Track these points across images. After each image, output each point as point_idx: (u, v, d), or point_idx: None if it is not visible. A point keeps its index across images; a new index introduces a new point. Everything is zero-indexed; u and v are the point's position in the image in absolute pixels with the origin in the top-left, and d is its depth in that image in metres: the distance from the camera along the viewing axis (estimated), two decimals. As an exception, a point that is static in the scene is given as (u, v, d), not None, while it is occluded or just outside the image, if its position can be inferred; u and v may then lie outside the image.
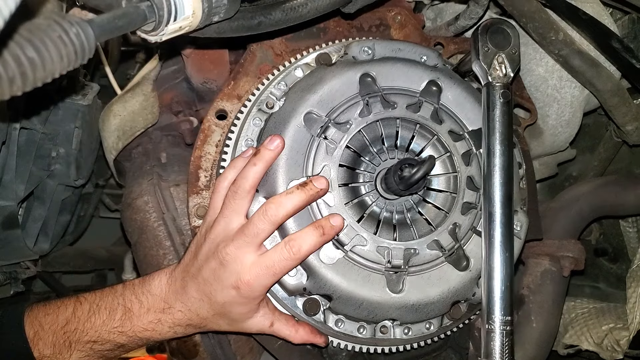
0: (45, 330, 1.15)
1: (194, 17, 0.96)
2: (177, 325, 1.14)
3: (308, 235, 1.10)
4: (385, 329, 1.21)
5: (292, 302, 1.21)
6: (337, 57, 1.34)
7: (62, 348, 1.14)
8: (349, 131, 1.22)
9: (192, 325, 1.16)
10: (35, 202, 1.91)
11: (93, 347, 1.14)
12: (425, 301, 1.20)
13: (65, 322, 1.15)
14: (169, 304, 1.13)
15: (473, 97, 1.33)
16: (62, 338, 1.14)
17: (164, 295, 1.14)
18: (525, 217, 1.33)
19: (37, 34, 0.71)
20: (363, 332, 1.21)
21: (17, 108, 1.53)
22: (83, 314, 1.15)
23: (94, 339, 1.14)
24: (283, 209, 1.09)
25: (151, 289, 1.15)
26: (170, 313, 1.13)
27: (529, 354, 1.50)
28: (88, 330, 1.13)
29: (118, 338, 1.14)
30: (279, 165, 1.18)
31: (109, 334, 1.13)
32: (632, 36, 1.69)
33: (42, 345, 1.14)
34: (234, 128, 1.30)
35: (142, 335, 1.14)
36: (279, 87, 1.30)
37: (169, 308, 1.13)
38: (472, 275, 1.23)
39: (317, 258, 1.15)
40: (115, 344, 1.15)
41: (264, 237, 1.10)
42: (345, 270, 1.16)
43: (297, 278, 1.17)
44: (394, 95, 1.28)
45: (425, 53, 1.36)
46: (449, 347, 1.45)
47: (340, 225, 1.13)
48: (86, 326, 1.14)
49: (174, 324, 1.14)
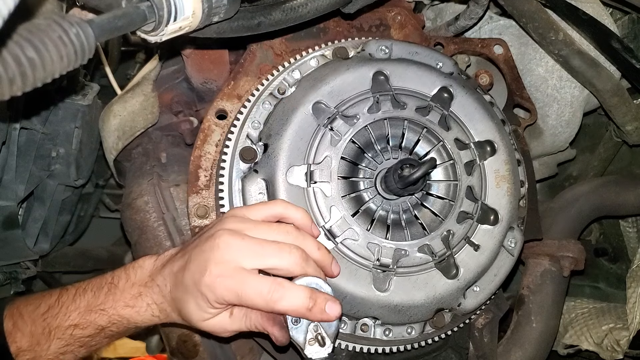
0: (24, 320, 1.07)
1: (194, 17, 0.96)
2: (154, 303, 1.06)
3: (296, 297, 0.98)
4: (365, 327, 1.21)
5: None
6: (354, 52, 1.35)
7: (40, 338, 1.07)
8: (355, 125, 1.23)
9: (164, 309, 1.07)
10: (35, 202, 1.91)
11: (73, 333, 1.07)
12: (409, 303, 1.19)
13: (47, 308, 1.08)
14: (152, 277, 1.07)
15: (483, 109, 1.34)
16: (41, 326, 1.07)
17: (151, 269, 1.08)
18: (521, 235, 1.33)
19: (37, 34, 0.71)
20: (343, 327, 1.21)
21: (17, 108, 1.53)
22: (68, 298, 1.09)
23: (75, 322, 1.06)
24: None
25: (144, 264, 1.10)
26: (151, 287, 1.06)
27: (529, 354, 1.50)
28: (71, 313, 1.06)
29: (99, 319, 1.06)
30: (282, 149, 1.19)
31: (91, 314, 1.06)
32: (632, 36, 1.69)
33: (20, 337, 1.07)
34: (244, 109, 1.30)
35: (123, 312, 1.06)
36: (292, 74, 1.31)
37: (151, 281, 1.06)
38: (459, 284, 1.23)
39: None
40: (96, 327, 1.07)
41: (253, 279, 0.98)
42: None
43: None
44: (405, 96, 1.29)
45: (441, 60, 1.37)
46: (449, 347, 1.45)
47: (333, 316, 0.99)
48: (69, 309, 1.07)
49: (152, 301, 1.06)
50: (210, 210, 1.28)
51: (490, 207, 1.29)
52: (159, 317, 1.09)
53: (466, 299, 1.25)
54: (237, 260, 0.99)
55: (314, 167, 1.20)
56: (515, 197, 1.32)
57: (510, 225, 1.31)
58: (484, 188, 1.30)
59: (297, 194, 1.18)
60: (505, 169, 1.32)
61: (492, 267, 1.29)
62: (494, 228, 1.28)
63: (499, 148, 1.32)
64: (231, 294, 0.97)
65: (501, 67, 1.57)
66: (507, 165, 1.32)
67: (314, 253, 1.05)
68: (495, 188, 1.30)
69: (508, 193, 1.31)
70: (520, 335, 1.51)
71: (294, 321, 1.01)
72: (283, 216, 1.09)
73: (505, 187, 1.31)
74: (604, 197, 1.65)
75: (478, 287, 1.27)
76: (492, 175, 1.31)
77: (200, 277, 0.98)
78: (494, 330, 1.45)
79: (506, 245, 1.30)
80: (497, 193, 1.30)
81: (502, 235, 1.29)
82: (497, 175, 1.31)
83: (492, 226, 1.28)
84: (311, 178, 1.19)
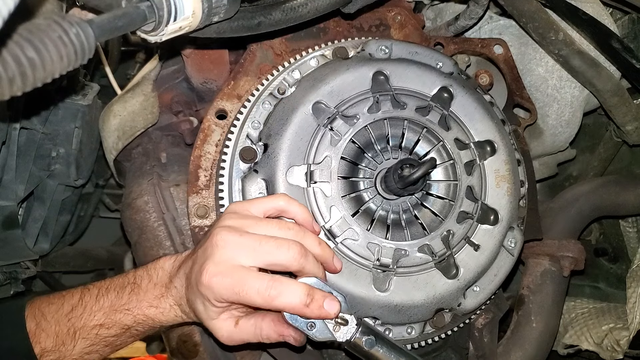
0: (48, 320, 1.09)
1: (194, 17, 0.96)
2: (175, 304, 1.08)
3: (294, 293, 0.97)
4: None
5: None
6: (354, 52, 1.36)
7: (65, 338, 1.08)
8: (355, 125, 1.23)
9: (184, 310, 1.08)
10: (35, 202, 1.91)
11: (99, 333, 1.08)
12: (409, 304, 1.20)
13: (70, 308, 1.09)
14: (171, 279, 1.08)
15: (483, 109, 1.34)
16: (66, 326, 1.08)
17: (170, 270, 1.10)
18: (521, 235, 1.33)
19: (37, 34, 0.71)
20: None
21: (17, 108, 1.53)
22: (91, 298, 1.09)
23: (101, 321, 1.08)
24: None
25: (164, 265, 1.11)
26: (170, 289, 1.07)
27: (529, 354, 1.50)
28: (96, 313, 1.07)
29: (124, 318, 1.08)
30: (281, 149, 1.19)
31: (116, 314, 1.07)
32: (632, 36, 1.69)
33: (44, 337, 1.07)
34: (244, 109, 1.30)
35: (147, 312, 1.07)
36: (292, 74, 1.31)
37: (170, 283, 1.08)
38: (459, 284, 1.23)
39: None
40: (122, 327, 1.08)
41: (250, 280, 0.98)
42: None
43: None
44: (405, 96, 1.29)
45: (441, 60, 1.37)
46: (449, 347, 1.45)
47: (331, 313, 0.99)
48: (94, 309, 1.08)
49: (173, 302, 1.08)
50: (210, 210, 1.28)
51: (490, 207, 1.29)
52: (182, 317, 1.10)
53: (466, 299, 1.25)
54: (234, 258, 0.98)
55: (314, 167, 1.20)
56: (515, 197, 1.32)
57: (510, 225, 1.31)
58: (484, 188, 1.30)
59: (297, 194, 1.18)
60: (505, 169, 1.32)
61: (492, 267, 1.29)
62: (494, 228, 1.28)
63: (499, 148, 1.33)
64: (229, 292, 0.97)
65: (501, 67, 1.57)
66: (507, 165, 1.32)
67: (314, 249, 1.05)
68: (495, 188, 1.30)
69: (508, 193, 1.31)
70: (520, 335, 1.51)
71: (309, 326, 1.01)
72: (284, 210, 1.09)
73: (505, 187, 1.31)
74: (604, 197, 1.65)
75: (478, 287, 1.27)
76: (492, 175, 1.31)
77: (200, 277, 0.99)
78: (494, 330, 1.45)
79: (506, 245, 1.30)
80: (497, 193, 1.30)
81: (502, 235, 1.29)
82: (497, 175, 1.31)
83: (492, 226, 1.28)
84: (311, 178, 1.19)
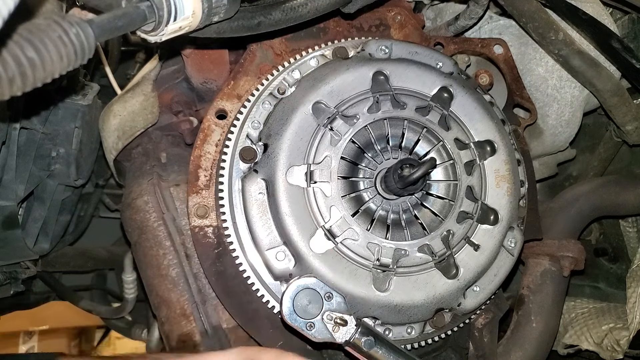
0: None
1: (194, 17, 0.96)
2: None
3: None
4: None
5: (277, 288, 1.21)
6: (354, 52, 1.36)
7: None
8: (355, 125, 1.23)
9: None
10: (35, 202, 1.91)
11: None
12: (409, 303, 1.20)
13: None
14: None
15: (483, 109, 1.34)
16: None
17: None
18: (521, 235, 1.33)
19: (36, 34, 0.71)
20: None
21: (17, 108, 1.53)
22: None
23: None
24: None
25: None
26: None
27: (529, 354, 1.50)
28: None
29: None
30: (281, 149, 1.19)
31: None
32: (632, 36, 1.69)
33: None
34: (244, 109, 1.30)
35: None
36: (292, 74, 1.31)
37: None
38: (459, 284, 1.23)
39: (307, 245, 1.15)
40: None
41: None
42: (334, 262, 1.16)
43: (285, 263, 1.17)
44: (405, 96, 1.29)
45: (441, 60, 1.37)
46: (449, 347, 1.45)
47: None
48: None
49: None
50: (210, 210, 1.28)
51: (490, 207, 1.29)
52: None
53: (466, 298, 1.25)
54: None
55: (314, 167, 1.20)
56: (515, 197, 1.32)
57: (510, 225, 1.31)
58: (484, 188, 1.30)
59: (297, 194, 1.18)
60: (505, 169, 1.32)
61: (492, 267, 1.29)
62: (494, 228, 1.28)
63: (499, 148, 1.33)
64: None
65: (501, 67, 1.57)
66: (507, 165, 1.32)
67: None
68: (495, 188, 1.30)
69: (508, 193, 1.31)
70: (520, 335, 1.51)
71: (309, 326, 1.01)
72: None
73: (505, 187, 1.31)
74: (604, 197, 1.65)
75: (478, 287, 1.27)
76: (492, 175, 1.31)
77: None
78: (494, 330, 1.45)
79: (506, 245, 1.30)
80: (497, 193, 1.30)
81: (502, 235, 1.29)
82: (497, 175, 1.31)
83: (492, 226, 1.28)
84: (311, 178, 1.19)
